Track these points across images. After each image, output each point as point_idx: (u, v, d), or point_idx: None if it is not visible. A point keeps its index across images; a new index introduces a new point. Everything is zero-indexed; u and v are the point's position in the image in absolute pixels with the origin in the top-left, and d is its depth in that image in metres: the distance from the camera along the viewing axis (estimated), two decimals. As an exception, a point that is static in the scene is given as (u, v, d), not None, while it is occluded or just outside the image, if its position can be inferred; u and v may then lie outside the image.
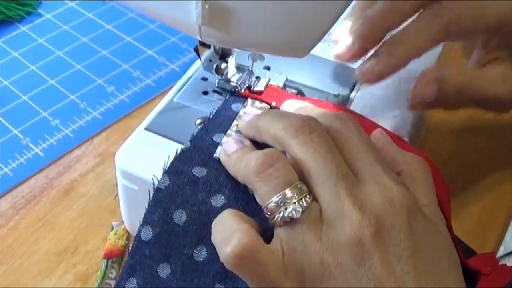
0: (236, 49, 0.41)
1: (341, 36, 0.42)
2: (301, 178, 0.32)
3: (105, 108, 0.57)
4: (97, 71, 0.61)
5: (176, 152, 0.37)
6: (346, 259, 0.29)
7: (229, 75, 0.42)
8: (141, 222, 0.35)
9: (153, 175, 0.36)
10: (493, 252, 0.45)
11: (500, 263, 0.42)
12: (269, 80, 0.43)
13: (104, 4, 0.69)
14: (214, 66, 0.41)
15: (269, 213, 0.31)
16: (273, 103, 0.41)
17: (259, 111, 0.40)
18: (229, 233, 0.30)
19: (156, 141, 0.40)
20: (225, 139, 0.37)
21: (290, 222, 0.30)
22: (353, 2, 0.38)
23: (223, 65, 0.42)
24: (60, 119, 0.55)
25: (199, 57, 0.41)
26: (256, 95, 0.41)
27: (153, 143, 0.39)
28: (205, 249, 0.34)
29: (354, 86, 0.45)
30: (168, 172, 0.36)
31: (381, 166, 0.32)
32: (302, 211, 0.30)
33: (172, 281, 0.34)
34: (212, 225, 0.32)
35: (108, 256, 0.44)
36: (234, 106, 0.40)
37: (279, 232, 0.31)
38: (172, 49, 0.64)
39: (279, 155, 0.32)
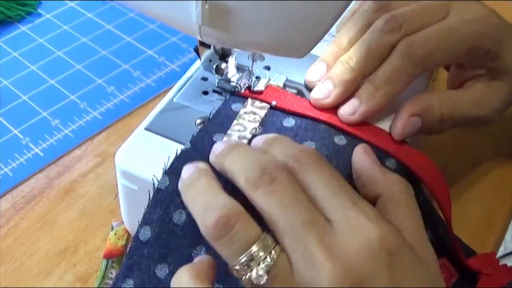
0: (236, 49, 0.41)
1: (315, 78, 0.42)
2: (268, 229, 0.30)
3: (105, 108, 0.57)
4: (97, 71, 0.61)
5: (176, 153, 0.37)
6: None
7: (229, 75, 0.42)
8: (139, 223, 0.35)
9: (153, 176, 0.36)
10: (493, 252, 0.45)
11: (500, 263, 0.42)
12: (269, 80, 0.43)
13: (104, 4, 0.69)
14: (214, 66, 0.41)
15: (236, 274, 0.30)
16: (273, 102, 0.41)
17: (259, 111, 0.40)
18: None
19: (156, 141, 0.40)
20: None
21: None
22: (352, 2, 0.38)
23: (223, 65, 0.42)
24: (60, 119, 0.55)
25: (199, 57, 0.41)
26: (256, 95, 0.41)
27: (153, 143, 0.39)
28: (204, 249, 0.34)
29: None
30: (168, 172, 0.36)
31: (353, 205, 0.30)
32: (268, 272, 0.28)
33: (169, 281, 0.34)
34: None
35: (108, 256, 0.44)
36: (234, 106, 0.40)
37: None
38: (172, 49, 0.64)
39: (237, 213, 0.30)
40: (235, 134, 0.38)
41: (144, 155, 0.39)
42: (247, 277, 0.29)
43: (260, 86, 0.42)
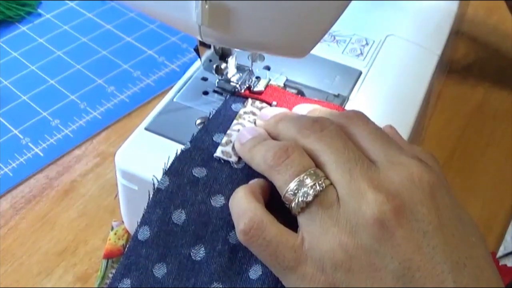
0: (236, 49, 0.41)
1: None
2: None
3: (105, 108, 0.57)
4: (97, 71, 0.61)
5: (176, 153, 0.37)
6: (367, 239, 0.28)
7: (229, 75, 0.42)
8: (138, 223, 0.35)
9: (153, 176, 0.36)
10: (493, 253, 0.45)
11: (500, 263, 0.42)
12: (269, 80, 0.43)
13: (104, 4, 0.69)
14: (214, 66, 0.41)
15: (287, 202, 0.31)
16: (274, 103, 0.41)
17: (259, 111, 0.40)
18: (241, 212, 0.31)
19: (156, 141, 0.40)
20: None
21: (306, 207, 0.30)
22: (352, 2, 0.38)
23: (223, 65, 0.42)
24: (60, 119, 0.55)
25: (199, 57, 0.41)
26: (256, 95, 0.41)
27: (153, 143, 0.39)
28: (203, 249, 0.34)
29: (354, 86, 0.45)
30: (168, 172, 0.36)
31: (396, 148, 0.32)
32: (316, 195, 0.30)
33: (167, 281, 0.34)
34: (229, 204, 0.33)
35: (108, 256, 0.44)
36: (234, 106, 0.40)
37: (299, 220, 0.31)
38: (172, 49, 0.64)
39: (294, 146, 0.32)
40: (235, 134, 0.38)
41: (144, 155, 0.39)
42: (295, 201, 0.30)
43: (260, 86, 0.42)
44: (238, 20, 0.32)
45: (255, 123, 0.38)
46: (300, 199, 0.30)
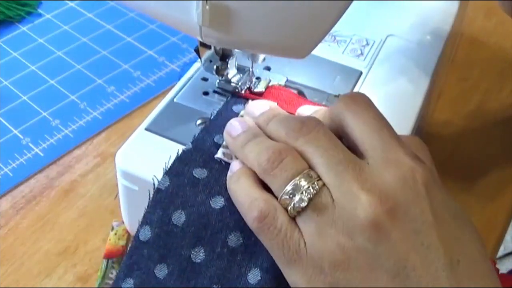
0: (236, 50, 0.41)
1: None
2: None
3: (105, 108, 0.57)
4: (97, 71, 0.61)
5: (178, 153, 0.37)
6: (363, 241, 0.29)
7: (229, 76, 0.42)
8: (140, 222, 0.35)
9: (154, 176, 0.36)
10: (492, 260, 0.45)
11: (500, 264, 0.41)
12: (270, 81, 0.43)
13: (104, 4, 0.69)
14: (215, 66, 0.41)
15: (284, 206, 0.31)
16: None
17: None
18: (253, 199, 0.32)
19: (156, 142, 0.40)
20: (229, 125, 0.36)
21: (302, 211, 0.30)
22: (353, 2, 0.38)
23: (224, 66, 0.42)
24: (60, 119, 0.55)
25: (200, 57, 0.41)
26: (257, 96, 0.41)
27: (153, 143, 0.39)
28: (203, 251, 0.34)
29: (354, 86, 0.45)
30: (168, 173, 0.36)
31: (392, 141, 0.32)
32: (311, 198, 0.30)
33: (169, 282, 0.34)
34: (231, 190, 0.33)
35: (108, 256, 0.44)
36: (235, 108, 0.40)
37: (298, 222, 0.31)
38: (172, 49, 0.64)
39: (288, 149, 0.32)
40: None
41: (144, 156, 0.39)
42: (291, 206, 0.31)
43: (260, 87, 0.42)
44: (238, 21, 0.32)
45: None
46: (296, 204, 0.30)
